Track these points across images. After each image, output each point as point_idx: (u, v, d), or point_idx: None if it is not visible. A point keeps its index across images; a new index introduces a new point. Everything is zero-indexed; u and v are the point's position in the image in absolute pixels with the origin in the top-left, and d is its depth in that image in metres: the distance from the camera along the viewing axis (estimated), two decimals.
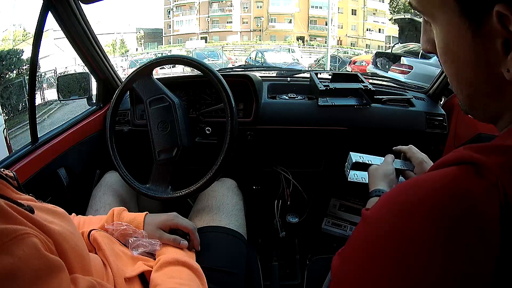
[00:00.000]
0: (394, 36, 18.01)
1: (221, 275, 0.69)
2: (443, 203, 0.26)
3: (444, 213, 0.25)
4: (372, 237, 0.29)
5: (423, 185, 0.28)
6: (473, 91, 0.32)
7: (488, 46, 0.28)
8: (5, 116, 5.71)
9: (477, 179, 0.26)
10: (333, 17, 20.10)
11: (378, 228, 0.29)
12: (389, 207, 0.30)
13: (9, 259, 0.31)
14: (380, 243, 0.28)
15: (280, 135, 1.10)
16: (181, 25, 25.84)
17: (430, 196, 0.27)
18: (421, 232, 0.26)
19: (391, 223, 0.28)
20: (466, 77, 0.31)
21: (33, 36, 0.86)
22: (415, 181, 0.29)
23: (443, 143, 1.10)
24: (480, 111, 0.33)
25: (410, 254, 0.26)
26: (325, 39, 21.68)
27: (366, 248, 0.29)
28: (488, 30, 0.27)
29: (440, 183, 0.27)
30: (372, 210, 0.31)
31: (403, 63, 4.98)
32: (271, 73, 1.50)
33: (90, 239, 0.61)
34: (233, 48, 21.00)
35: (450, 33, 0.30)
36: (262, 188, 1.28)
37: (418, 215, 0.26)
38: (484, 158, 0.26)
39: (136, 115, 1.13)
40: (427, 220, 0.26)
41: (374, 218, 0.30)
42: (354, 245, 0.32)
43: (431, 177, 0.28)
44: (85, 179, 1.05)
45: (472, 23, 0.28)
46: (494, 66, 0.28)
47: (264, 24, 25.13)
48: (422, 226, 0.26)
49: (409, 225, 0.27)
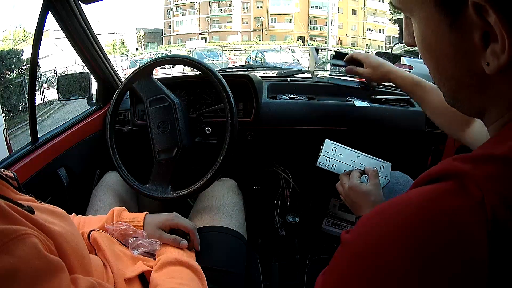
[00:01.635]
0: (394, 36, 18.03)
1: (221, 275, 0.69)
2: (422, 228, 0.24)
3: (421, 241, 0.23)
4: (349, 261, 0.28)
5: (403, 207, 0.26)
6: (455, 84, 0.31)
7: (466, 39, 0.27)
8: (5, 116, 5.71)
9: (464, 197, 0.24)
10: (333, 17, 20.11)
11: (354, 252, 0.28)
12: (366, 231, 0.28)
13: (9, 259, 0.31)
14: (356, 268, 0.27)
15: (280, 135, 1.10)
16: (181, 25, 25.86)
17: (409, 220, 0.25)
18: (395, 261, 0.24)
19: (367, 249, 0.26)
20: (446, 70, 0.31)
21: (33, 36, 0.86)
22: (396, 202, 0.27)
23: (443, 143, 1.10)
24: (464, 104, 0.32)
25: (383, 281, 0.24)
26: (325, 39, 21.69)
27: (343, 272, 0.28)
28: (466, 22, 0.26)
29: (421, 205, 0.25)
30: (351, 233, 0.30)
31: (403, 63, 4.98)
32: (271, 73, 1.50)
33: (90, 240, 0.61)
34: (233, 48, 21.01)
35: (428, 27, 0.30)
36: (262, 188, 1.28)
37: (394, 242, 0.25)
38: (472, 169, 0.25)
39: (136, 115, 1.13)
40: (403, 248, 0.24)
41: (352, 242, 0.29)
42: (335, 267, 0.31)
43: (413, 197, 0.26)
44: (85, 179, 1.05)
45: (449, 16, 0.27)
46: (473, 60, 0.27)
47: (264, 24, 25.14)
48: (397, 254, 0.24)
49: (383, 252, 0.25)
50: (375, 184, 0.68)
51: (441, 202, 0.24)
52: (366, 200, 0.66)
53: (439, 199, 0.25)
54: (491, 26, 0.25)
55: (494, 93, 0.29)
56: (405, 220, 0.25)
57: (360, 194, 0.67)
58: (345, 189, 0.71)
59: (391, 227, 0.26)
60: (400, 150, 1.12)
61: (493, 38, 0.25)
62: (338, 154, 0.79)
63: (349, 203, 0.70)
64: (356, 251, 0.27)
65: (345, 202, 0.72)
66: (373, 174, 0.70)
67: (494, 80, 0.27)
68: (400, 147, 1.12)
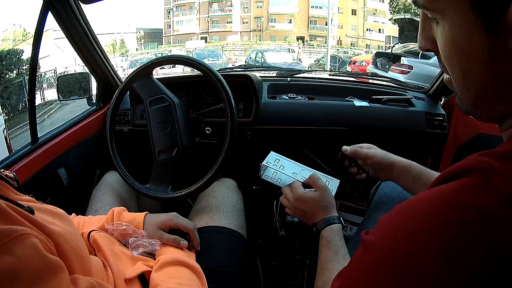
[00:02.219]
0: (394, 36, 18.03)
1: (221, 275, 0.69)
2: (450, 226, 0.24)
3: (451, 238, 0.24)
4: (373, 264, 0.28)
5: (427, 206, 0.26)
6: (480, 89, 0.30)
7: (500, 45, 0.27)
8: (5, 116, 5.71)
9: (492, 192, 0.24)
10: (333, 17, 20.11)
11: (379, 254, 0.28)
12: (390, 232, 0.28)
13: (9, 259, 0.31)
14: (381, 271, 0.27)
15: (280, 135, 1.10)
16: (181, 25, 25.86)
17: (435, 219, 0.25)
18: (424, 260, 0.24)
19: (393, 251, 0.26)
20: (474, 75, 0.30)
21: (33, 36, 0.86)
22: (418, 201, 0.28)
23: (443, 143, 1.10)
24: (484, 111, 0.32)
25: (411, 282, 0.24)
26: (325, 39, 21.69)
27: (367, 275, 0.28)
28: (502, 28, 0.26)
29: (446, 202, 0.25)
30: (373, 234, 0.30)
31: (403, 63, 4.99)
32: (271, 73, 1.50)
33: (90, 240, 0.61)
34: (233, 48, 21.01)
35: (461, 30, 0.29)
36: (262, 188, 1.28)
37: (421, 242, 0.25)
38: (500, 164, 0.25)
39: (136, 115, 1.13)
40: (432, 247, 0.24)
41: (375, 243, 0.29)
42: (355, 271, 0.30)
43: (441, 195, 0.26)
44: (85, 179, 1.05)
45: (486, 20, 0.27)
46: (504, 65, 0.27)
47: (264, 24, 25.14)
48: (426, 254, 0.24)
49: (411, 253, 0.25)
50: (321, 188, 0.65)
51: (467, 198, 0.24)
52: (316, 207, 0.63)
53: (465, 194, 0.25)
54: None
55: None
56: (430, 219, 0.25)
57: (308, 202, 0.64)
58: (290, 201, 0.67)
59: (416, 226, 0.26)
60: (400, 150, 1.12)
61: None
62: (280, 166, 0.75)
63: (300, 215, 0.66)
64: (380, 254, 0.27)
65: (294, 215, 0.67)
66: (314, 178, 0.66)
67: None
68: (400, 147, 1.11)
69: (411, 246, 0.25)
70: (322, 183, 0.66)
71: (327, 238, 0.59)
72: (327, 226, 0.60)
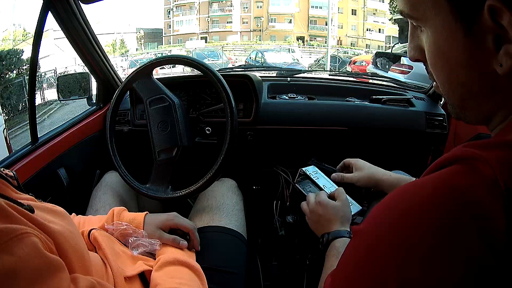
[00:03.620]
0: (394, 36, 18.05)
1: (221, 275, 0.69)
2: (444, 206, 0.25)
3: (439, 217, 0.25)
4: (366, 247, 0.28)
5: (421, 189, 0.28)
6: (466, 92, 0.32)
7: (479, 44, 0.28)
8: (5, 116, 5.71)
9: (476, 177, 0.25)
10: (333, 17, 20.10)
11: (371, 237, 0.28)
12: (386, 214, 0.29)
13: (9, 258, 0.31)
14: (374, 253, 0.27)
15: (280, 135, 1.10)
16: (181, 25, 25.86)
17: (425, 199, 0.26)
18: (416, 238, 0.25)
19: (391, 230, 0.27)
20: (458, 78, 0.31)
21: (33, 36, 0.86)
22: (413, 185, 0.29)
23: (443, 143, 1.10)
24: (472, 113, 0.33)
25: (412, 261, 0.25)
26: (325, 39, 21.70)
27: (361, 260, 0.28)
28: (479, 28, 0.27)
29: (435, 185, 0.27)
30: (366, 222, 0.30)
31: (403, 63, 4.99)
32: (271, 73, 1.50)
33: (90, 238, 0.61)
34: (233, 48, 21.01)
35: (442, 35, 0.30)
36: (262, 188, 1.28)
37: (418, 222, 0.26)
38: (483, 153, 0.26)
39: (136, 115, 1.13)
40: (427, 225, 0.25)
41: (366, 229, 0.29)
42: (349, 258, 0.31)
43: (430, 180, 0.28)
44: (85, 179, 1.05)
45: (464, 22, 0.28)
46: (485, 64, 0.28)
47: (264, 24, 25.14)
48: (417, 231, 0.25)
49: (409, 233, 0.26)
50: (343, 201, 0.67)
51: (455, 181, 0.26)
52: (335, 215, 0.64)
53: (453, 178, 0.26)
54: (503, 29, 0.26)
55: (503, 96, 0.30)
56: (421, 200, 0.27)
57: (328, 208, 0.65)
58: (311, 204, 0.68)
59: (407, 207, 0.27)
60: (400, 150, 1.12)
61: (505, 40, 0.26)
62: (315, 177, 0.80)
63: (314, 220, 0.67)
64: (373, 236, 0.28)
65: (309, 219, 0.69)
66: (339, 191, 0.69)
67: (504, 81, 0.28)
68: (400, 147, 1.12)
69: (402, 225, 0.26)
70: (346, 197, 0.68)
71: (337, 248, 0.59)
72: (340, 238, 0.61)
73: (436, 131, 1.07)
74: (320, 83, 1.31)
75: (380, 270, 0.26)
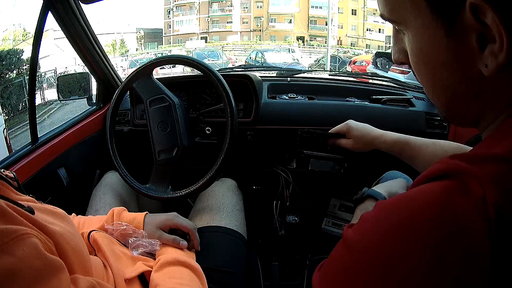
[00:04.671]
0: None
1: (221, 275, 0.69)
2: (426, 223, 0.24)
3: (425, 235, 0.24)
4: (351, 261, 0.28)
5: (407, 204, 0.27)
6: (451, 94, 0.31)
7: (462, 44, 0.27)
8: (5, 116, 5.71)
9: (463, 195, 0.24)
10: (333, 17, 20.11)
11: (359, 250, 0.28)
12: (370, 228, 0.28)
13: (10, 259, 0.31)
14: (358, 268, 0.27)
15: (280, 135, 1.10)
16: (181, 25, 25.86)
17: (413, 216, 0.25)
18: (406, 257, 0.25)
19: (372, 246, 0.27)
20: (442, 80, 0.30)
21: (33, 36, 0.86)
22: (400, 200, 0.28)
23: None
24: (460, 115, 0.32)
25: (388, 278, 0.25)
26: (325, 39, 21.71)
27: (344, 272, 0.29)
28: (462, 27, 0.26)
29: (424, 201, 0.26)
30: (354, 230, 0.30)
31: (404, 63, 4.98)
32: (271, 73, 1.50)
33: (90, 240, 0.61)
34: (233, 48, 21.02)
35: (424, 37, 0.29)
36: (262, 188, 1.28)
37: (398, 237, 0.25)
38: (471, 168, 0.25)
39: (136, 115, 1.13)
40: (408, 242, 0.25)
41: (355, 241, 0.29)
42: (334, 265, 0.31)
43: (417, 194, 0.27)
44: (85, 179, 1.05)
45: (445, 22, 0.27)
46: (470, 64, 0.27)
47: (264, 24, 25.15)
48: (401, 249, 0.25)
49: (388, 247, 0.26)
50: None
51: (444, 199, 0.25)
52: None
53: (442, 196, 0.25)
54: (487, 27, 0.25)
55: (490, 97, 0.29)
56: (409, 216, 0.26)
57: None
58: None
59: (395, 223, 0.26)
60: None
61: (490, 39, 0.25)
62: None
63: None
64: (360, 250, 0.28)
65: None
66: None
67: (490, 82, 0.28)
68: None
69: (389, 241, 0.26)
70: None
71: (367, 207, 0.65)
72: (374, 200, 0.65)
73: (436, 131, 1.06)
74: (320, 83, 1.31)
75: (363, 283, 0.26)
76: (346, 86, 1.27)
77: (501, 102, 0.28)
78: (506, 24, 0.24)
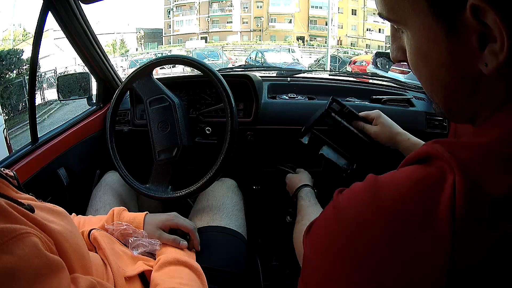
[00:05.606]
0: None
1: (221, 275, 0.69)
2: (402, 206, 0.26)
3: (397, 214, 0.26)
4: (339, 225, 0.30)
5: (389, 183, 0.28)
6: (448, 93, 0.31)
7: (462, 44, 0.27)
8: (5, 116, 5.71)
9: (437, 180, 0.25)
10: (333, 17, 20.12)
11: (342, 220, 0.30)
12: (358, 200, 0.30)
13: (9, 258, 0.31)
14: (345, 232, 0.29)
15: (280, 135, 1.10)
16: (181, 25, 25.88)
17: (391, 196, 0.27)
18: (377, 230, 0.26)
19: (355, 220, 0.28)
20: (440, 80, 0.31)
21: (33, 36, 0.86)
22: (385, 178, 0.29)
23: None
24: (457, 113, 0.33)
25: (364, 252, 0.26)
26: (325, 39, 21.71)
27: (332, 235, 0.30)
28: (462, 27, 0.27)
29: (403, 183, 0.27)
30: (343, 196, 0.31)
31: (403, 63, 4.98)
32: (271, 73, 1.50)
33: (90, 238, 0.61)
34: (233, 48, 21.03)
35: (423, 36, 0.30)
36: (262, 188, 1.28)
37: (377, 215, 0.27)
38: (446, 154, 0.26)
39: (136, 115, 1.13)
40: (383, 222, 0.26)
41: (343, 207, 0.31)
42: (324, 224, 0.33)
43: (400, 175, 0.28)
44: (85, 179, 1.05)
45: (445, 23, 0.27)
46: (469, 64, 0.28)
47: (264, 24, 25.16)
48: (378, 227, 0.26)
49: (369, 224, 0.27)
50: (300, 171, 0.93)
51: (420, 182, 0.26)
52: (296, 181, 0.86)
53: (419, 178, 0.27)
54: (487, 27, 0.25)
55: (486, 96, 0.29)
56: (388, 192, 0.28)
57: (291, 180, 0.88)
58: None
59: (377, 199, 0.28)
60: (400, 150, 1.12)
61: (490, 39, 0.26)
62: None
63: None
64: (345, 216, 0.30)
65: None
66: None
67: (487, 81, 0.28)
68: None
69: (369, 215, 0.27)
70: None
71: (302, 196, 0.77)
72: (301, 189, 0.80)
73: (436, 131, 1.06)
74: (320, 83, 1.31)
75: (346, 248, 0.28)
76: (346, 86, 1.27)
77: (495, 101, 0.29)
78: (507, 24, 0.24)
